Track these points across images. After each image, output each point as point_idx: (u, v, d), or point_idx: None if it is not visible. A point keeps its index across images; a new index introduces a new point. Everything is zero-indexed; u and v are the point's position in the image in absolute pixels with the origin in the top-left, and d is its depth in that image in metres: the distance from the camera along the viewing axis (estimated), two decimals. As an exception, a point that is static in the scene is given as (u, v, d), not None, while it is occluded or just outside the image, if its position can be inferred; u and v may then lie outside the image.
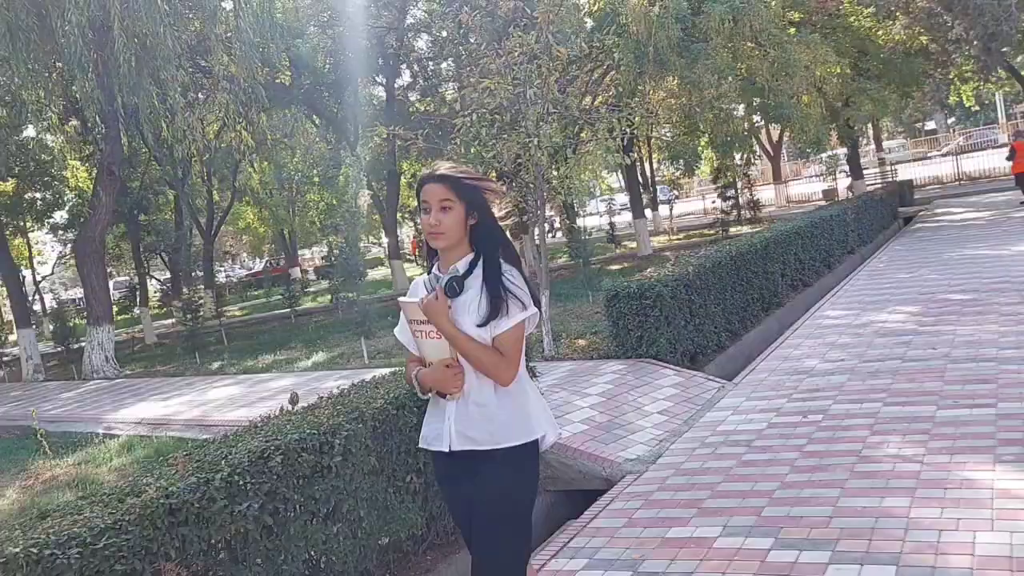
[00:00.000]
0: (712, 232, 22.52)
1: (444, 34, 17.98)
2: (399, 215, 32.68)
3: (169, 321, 26.26)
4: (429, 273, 2.73)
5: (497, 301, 2.53)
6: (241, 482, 3.46)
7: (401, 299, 2.72)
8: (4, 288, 31.16)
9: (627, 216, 33.42)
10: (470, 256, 2.64)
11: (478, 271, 2.60)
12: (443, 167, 2.63)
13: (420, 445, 2.77)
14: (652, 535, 4.32)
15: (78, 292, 44.02)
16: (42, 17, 11.58)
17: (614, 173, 46.36)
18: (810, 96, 17.28)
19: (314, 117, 24.78)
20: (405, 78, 24.28)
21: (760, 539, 4.04)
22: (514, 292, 2.56)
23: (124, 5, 10.88)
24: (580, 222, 23.48)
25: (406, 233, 41.16)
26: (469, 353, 2.55)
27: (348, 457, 4.01)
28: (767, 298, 10.42)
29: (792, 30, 17.78)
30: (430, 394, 2.68)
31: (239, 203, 28.72)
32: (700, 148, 22.60)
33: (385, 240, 30.44)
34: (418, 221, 29.41)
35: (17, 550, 2.74)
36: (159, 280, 29.70)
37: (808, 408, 6.08)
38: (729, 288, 9.19)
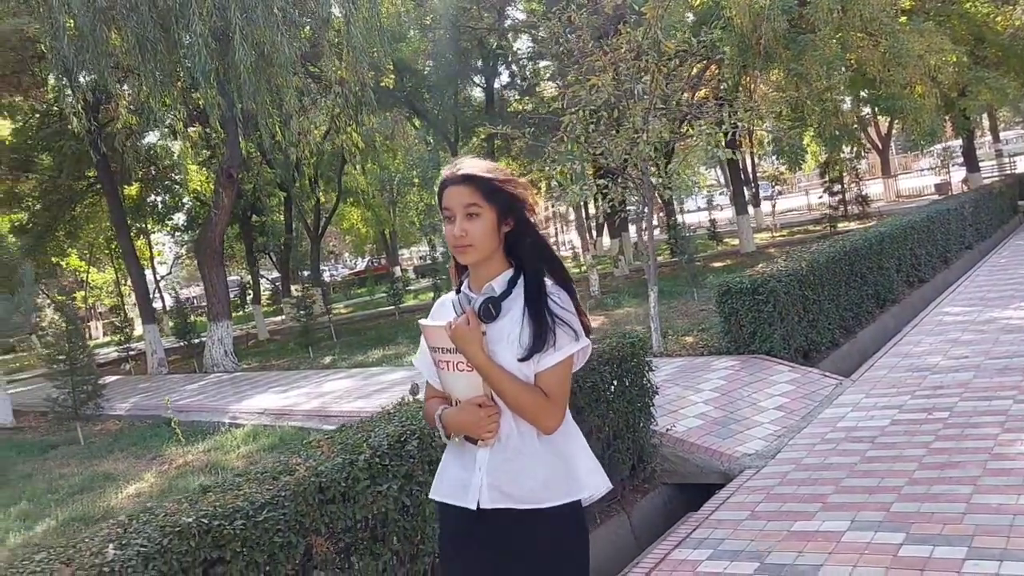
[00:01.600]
0: (819, 228, 21.95)
1: (542, 34, 18.18)
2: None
3: (279, 318, 27.32)
4: (458, 292, 2.23)
5: (543, 330, 2.07)
6: (381, 464, 3.64)
7: (423, 322, 2.25)
8: (125, 287, 33.12)
9: (726, 213, 32.93)
10: (508, 272, 2.17)
11: (518, 291, 2.14)
12: (466, 165, 2.15)
13: (432, 496, 2.29)
14: (776, 528, 4.31)
15: (193, 291, 46.28)
16: (167, 29, 12.23)
17: (712, 169, 45.72)
18: (924, 86, 16.61)
19: (414, 119, 25.34)
20: (503, 78, 24.57)
21: (891, 534, 3.98)
22: (563, 319, 2.10)
23: (244, 15, 11.40)
24: (679, 219, 23.19)
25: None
26: (506, 392, 2.08)
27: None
28: (882, 294, 10.12)
29: (903, 19, 17.15)
30: (456, 439, 2.19)
31: (343, 204, 29.57)
32: (806, 142, 22.02)
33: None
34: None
35: (190, 520, 2.98)
36: (267, 279, 30.93)
37: (933, 405, 5.91)
38: (843, 284, 8.98)
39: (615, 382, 5.31)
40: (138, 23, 11.68)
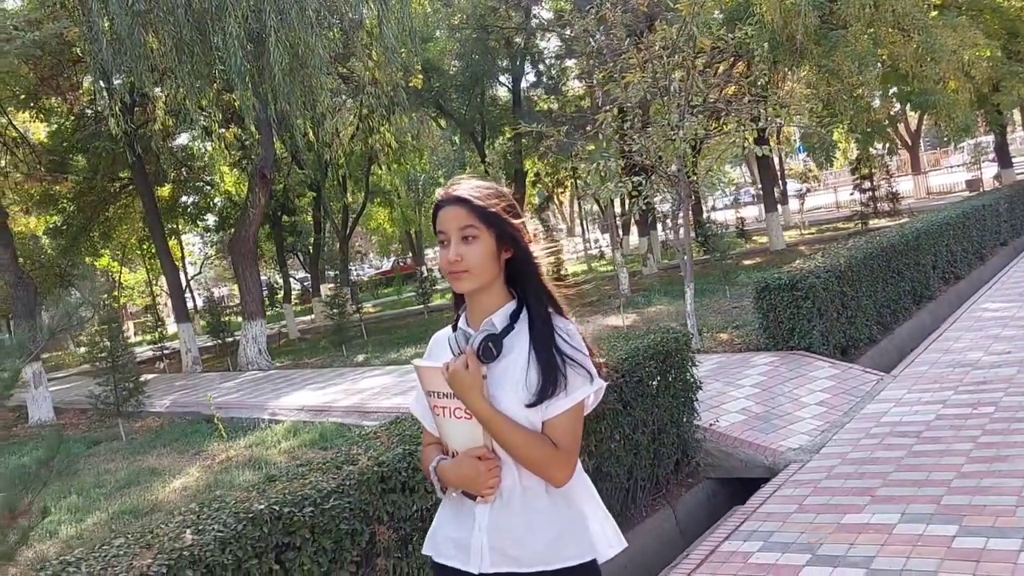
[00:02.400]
0: (851, 225, 21.80)
1: (569, 32, 18.22)
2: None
3: (308, 317, 27.57)
4: (455, 329, 2.00)
5: (552, 372, 1.85)
6: (439, 455, 3.71)
7: (416, 362, 2.02)
8: (156, 287, 33.56)
9: (752, 211, 32.78)
10: (510, 305, 1.95)
11: (521, 326, 1.93)
12: (463, 185, 1.94)
13: (427, 552, 2.09)
14: (826, 521, 4.33)
15: (221, 290, 46.77)
16: (203, 32, 12.40)
17: (737, 167, 45.48)
18: (957, 81, 16.47)
19: (440, 119, 25.49)
20: (529, 77, 24.64)
21: (943, 526, 3.99)
22: (574, 358, 1.88)
23: (279, 17, 11.54)
24: (709, 216, 23.14)
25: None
26: (511, 443, 1.86)
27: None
28: (918, 291, 10.07)
29: (934, 13, 17.01)
30: (454, 494, 1.97)
31: (371, 204, 29.80)
32: (836, 139, 21.87)
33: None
34: (545, 218, 29.76)
35: (262, 507, 3.07)
36: (295, 278, 31.23)
37: (977, 400, 5.89)
38: (880, 280, 8.95)
39: (659, 377, 5.35)
40: (175, 26, 11.85)
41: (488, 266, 1.89)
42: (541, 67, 24.12)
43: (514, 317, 1.93)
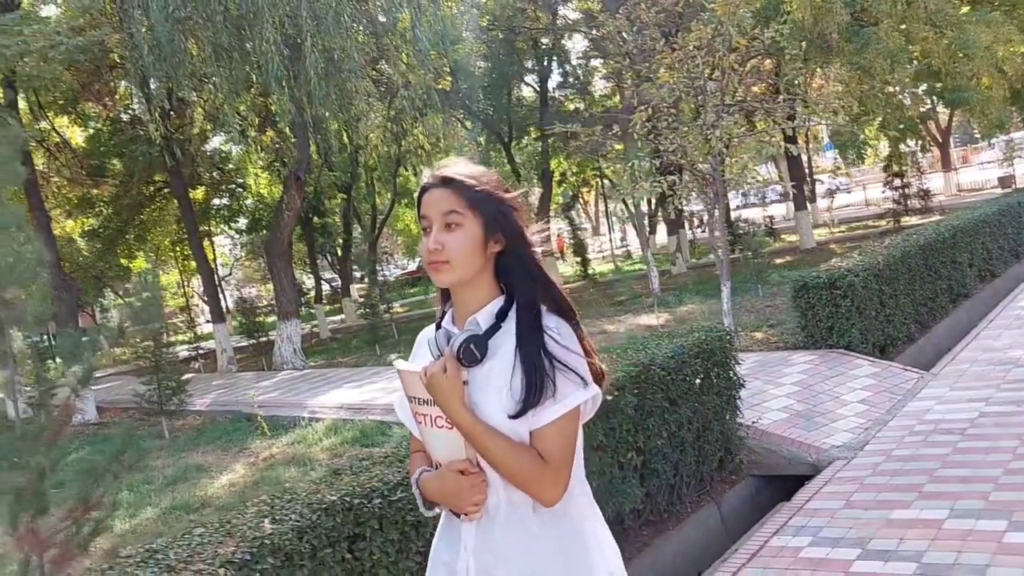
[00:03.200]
0: (882, 223, 21.68)
1: (597, 33, 18.27)
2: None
3: (338, 317, 27.83)
4: (439, 327, 1.83)
5: (539, 377, 1.65)
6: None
7: (398, 364, 1.85)
8: (188, 288, 34.00)
9: (779, 209, 32.60)
10: (497, 302, 1.76)
11: (509, 325, 1.73)
12: (450, 167, 1.76)
13: None
14: (874, 516, 4.39)
15: (249, 291, 47.24)
16: (240, 37, 12.63)
17: (763, 165, 45.26)
18: (991, 78, 16.36)
19: (466, 120, 25.65)
20: (555, 78, 24.72)
21: (993, 521, 4.04)
22: (565, 361, 1.68)
23: (315, 22, 11.73)
24: (740, 215, 23.08)
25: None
26: (493, 456, 1.68)
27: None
28: (955, 288, 10.04)
29: (966, 9, 16.90)
30: (437, 510, 1.84)
31: (398, 205, 30.01)
32: (865, 138, 21.76)
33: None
34: (572, 217, 29.75)
35: (334, 498, 3.19)
36: (324, 279, 31.54)
37: (1021, 398, 5.91)
38: (918, 278, 8.94)
39: (703, 375, 5.43)
40: (213, 32, 12.08)
41: (471, 256, 1.71)
42: (567, 67, 24.21)
43: (501, 315, 1.74)
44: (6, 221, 3.14)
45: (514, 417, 1.66)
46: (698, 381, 5.36)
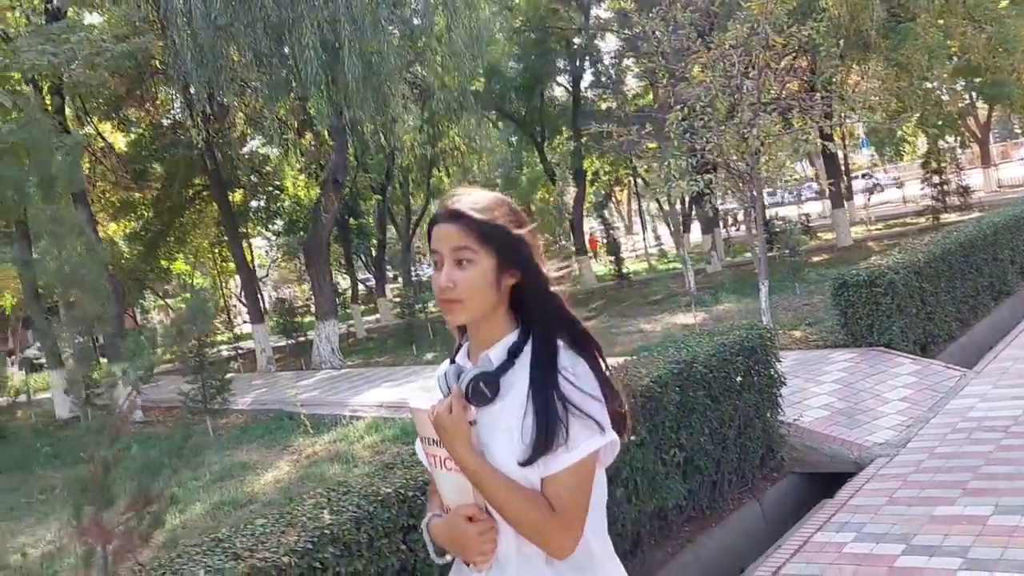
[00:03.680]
0: (920, 220, 21.43)
1: (629, 32, 18.29)
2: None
3: (373, 317, 28.10)
4: (452, 361, 1.77)
5: (551, 422, 1.55)
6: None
7: (412, 402, 1.74)
8: (226, 290, 34.54)
9: (813, 207, 32.30)
10: (511, 337, 1.68)
11: (524, 362, 1.64)
12: (460, 199, 1.67)
13: None
14: (918, 513, 4.41)
15: (284, 292, 47.85)
16: (280, 43, 12.86)
17: (797, 163, 44.86)
18: (1033, 72, 16.14)
19: (498, 121, 25.79)
20: (588, 77, 24.75)
21: (1039, 518, 4.04)
22: (581, 406, 1.57)
23: (353, 27, 11.91)
24: (771, 212, 22.96)
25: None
26: (501, 503, 1.60)
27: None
28: (996, 286, 9.94)
29: (1005, 3, 16.67)
30: (448, 557, 1.74)
31: (431, 205, 30.31)
32: (904, 134, 21.52)
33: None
34: (605, 216, 29.72)
35: (390, 491, 3.30)
36: (359, 279, 31.86)
37: (1067, 396, 5.87)
38: (958, 276, 8.88)
39: (744, 372, 5.47)
40: (254, 38, 12.30)
41: (484, 294, 1.63)
42: (600, 67, 24.26)
43: (515, 351, 1.65)
44: (68, 227, 3.30)
45: (523, 464, 1.57)
46: (739, 378, 5.41)
